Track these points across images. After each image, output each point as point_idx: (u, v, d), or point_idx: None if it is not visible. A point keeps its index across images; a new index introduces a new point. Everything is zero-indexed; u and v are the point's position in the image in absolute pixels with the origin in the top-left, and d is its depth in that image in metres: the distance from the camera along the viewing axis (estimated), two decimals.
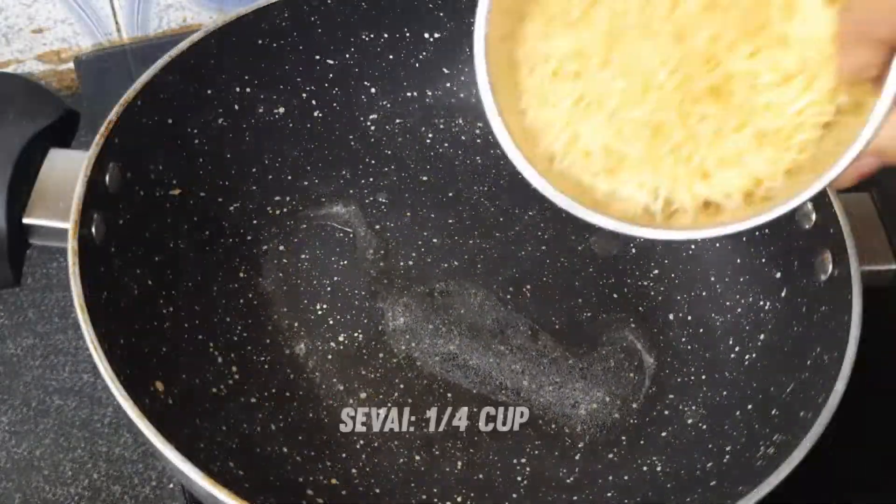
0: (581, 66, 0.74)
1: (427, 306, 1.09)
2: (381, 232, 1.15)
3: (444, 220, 1.17)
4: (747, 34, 0.68)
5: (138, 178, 1.00)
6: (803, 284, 0.99)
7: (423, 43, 1.23)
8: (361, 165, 1.21)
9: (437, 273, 1.12)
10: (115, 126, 0.94)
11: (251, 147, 1.16)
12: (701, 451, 0.97)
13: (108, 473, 1.03)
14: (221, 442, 0.94)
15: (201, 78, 1.09)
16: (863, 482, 1.06)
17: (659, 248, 1.16)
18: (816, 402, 0.85)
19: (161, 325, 0.98)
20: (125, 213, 0.96)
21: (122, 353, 0.86)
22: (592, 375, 1.05)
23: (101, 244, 0.90)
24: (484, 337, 1.07)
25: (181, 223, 1.06)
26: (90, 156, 0.91)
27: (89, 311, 0.82)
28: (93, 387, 1.09)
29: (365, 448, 0.98)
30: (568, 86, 0.75)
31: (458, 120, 1.26)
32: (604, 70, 0.73)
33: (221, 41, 1.09)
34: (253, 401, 1.00)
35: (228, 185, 1.13)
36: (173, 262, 1.03)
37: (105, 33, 1.38)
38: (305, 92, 1.20)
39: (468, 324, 1.08)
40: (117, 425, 1.07)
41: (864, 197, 0.99)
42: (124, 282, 0.95)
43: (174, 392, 0.92)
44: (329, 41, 1.19)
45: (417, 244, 1.14)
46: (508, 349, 1.06)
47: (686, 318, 1.10)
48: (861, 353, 0.86)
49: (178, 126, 1.07)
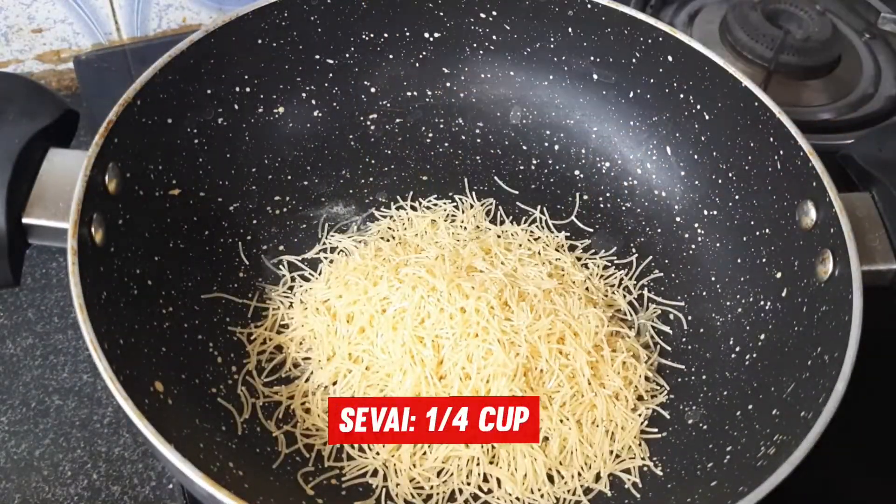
0: None
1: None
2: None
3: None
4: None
5: (138, 178, 1.00)
6: (804, 284, 0.98)
7: (423, 43, 1.23)
8: (361, 165, 1.21)
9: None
10: (115, 126, 0.94)
11: (251, 147, 1.16)
12: (701, 451, 0.97)
13: (108, 473, 1.03)
14: (221, 442, 0.93)
15: (201, 78, 1.09)
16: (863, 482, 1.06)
17: (659, 247, 1.16)
18: (817, 403, 0.85)
19: (161, 325, 0.98)
20: (125, 213, 0.96)
21: (121, 353, 0.86)
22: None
23: (100, 244, 0.90)
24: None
25: (181, 223, 1.06)
26: (90, 155, 0.90)
27: (89, 310, 0.82)
28: (92, 387, 1.09)
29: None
30: None
31: (458, 120, 1.26)
32: None
33: (221, 41, 1.09)
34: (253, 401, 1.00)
35: (228, 184, 1.13)
36: (173, 262, 1.03)
37: (104, 33, 1.38)
38: (305, 92, 1.20)
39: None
40: (117, 425, 1.07)
41: (865, 196, 0.98)
42: (124, 282, 0.94)
43: (174, 392, 0.92)
44: (329, 41, 1.19)
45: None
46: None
47: (686, 318, 1.10)
48: (862, 353, 0.85)
49: (178, 126, 1.07)
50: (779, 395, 0.94)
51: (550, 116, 1.25)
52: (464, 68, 1.26)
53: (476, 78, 1.26)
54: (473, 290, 1.01)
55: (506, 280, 1.04)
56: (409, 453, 0.96)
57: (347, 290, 1.04)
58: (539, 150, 1.25)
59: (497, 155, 1.24)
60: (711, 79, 1.10)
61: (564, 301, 1.05)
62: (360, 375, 0.99)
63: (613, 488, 0.97)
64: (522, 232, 1.16)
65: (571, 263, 1.12)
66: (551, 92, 1.25)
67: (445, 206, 1.18)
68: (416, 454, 0.96)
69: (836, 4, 1.57)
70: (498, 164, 1.24)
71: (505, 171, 1.23)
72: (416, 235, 1.13)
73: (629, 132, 1.22)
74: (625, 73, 1.19)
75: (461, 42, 1.24)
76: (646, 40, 1.15)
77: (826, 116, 1.37)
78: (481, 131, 1.25)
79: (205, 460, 0.85)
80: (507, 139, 1.26)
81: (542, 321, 1.01)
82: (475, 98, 1.27)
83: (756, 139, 1.07)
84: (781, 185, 1.04)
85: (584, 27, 1.18)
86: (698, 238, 1.15)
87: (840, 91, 1.41)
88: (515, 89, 1.26)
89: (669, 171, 1.19)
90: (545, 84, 1.25)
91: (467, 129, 1.26)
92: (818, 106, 1.38)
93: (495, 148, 1.25)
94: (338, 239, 1.14)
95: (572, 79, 1.24)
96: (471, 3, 1.21)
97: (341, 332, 1.02)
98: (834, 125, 1.35)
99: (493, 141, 1.25)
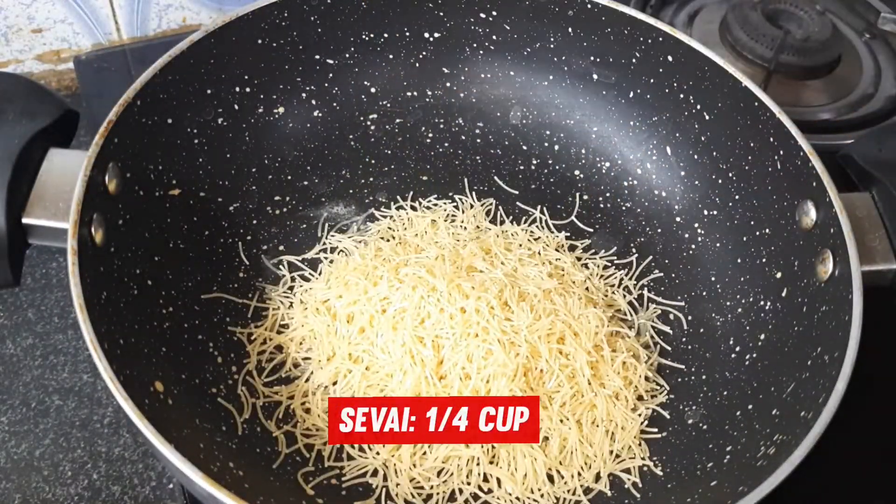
0: None
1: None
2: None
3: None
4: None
5: (138, 178, 1.00)
6: (804, 284, 0.99)
7: (423, 42, 1.23)
8: (361, 165, 1.21)
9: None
10: (115, 126, 0.94)
11: (251, 147, 1.16)
12: (701, 451, 0.97)
13: (108, 474, 1.03)
14: (221, 442, 0.93)
15: (201, 78, 1.09)
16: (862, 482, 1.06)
17: (659, 247, 1.16)
18: (817, 403, 0.85)
19: (161, 325, 0.98)
20: (125, 213, 0.96)
21: (121, 354, 0.86)
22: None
23: (100, 244, 0.90)
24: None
25: (181, 223, 1.06)
26: (89, 156, 0.90)
27: (89, 311, 0.82)
28: (92, 387, 1.09)
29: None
30: None
31: (458, 120, 1.26)
32: None
33: (221, 41, 1.09)
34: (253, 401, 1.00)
35: (228, 184, 1.13)
36: (173, 262, 1.03)
37: (104, 33, 1.39)
38: (305, 92, 1.20)
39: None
40: (117, 425, 1.07)
41: (865, 196, 0.98)
42: (124, 282, 0.94)
43: (174, 392, 0.92)
44: (329, 41, 1.19)
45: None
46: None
47: (686, 318, 1.10)
48: (862, 353, 0.85)
49: (178, 126, 1.07)
50: (779, 395, 0.94)
51: (550, 116, 1.26)
52: (464, 68, 1.26)
53: (476, 78, 1.26)
54: (473, 290, 1.01)
55: (506, 280, 1.04)
56: (410, 453, 0.96)
57: (347, 290, 1.04)
58: (539, 150, 1.25)
59: (497, 155, 1.24)
60: (711, 79, 1.10)
61: (564, 301, 1.05)
62: (360, 375, 0.99)
63: (613, 488, 0.97)
64: (522, 232, 1.16)
65: (571, 263, 1.12)
66: (551, 92, 1.25)
67: (445, 206, 1.18)
68: (416, 454, 0.96)
69: (836, 4, 1.57)
70: (498, 164, 1.24)
71: (505, 171, 1.23)
72: (416, 235, 1.13)
73: (629, 132, 1.22)
74: (625, 73, 1.19)
75: (461, 42, 1.24)
76: (646, 40, 1.15)
77: (826, 116, 1.37)
78: (481, 131, 1.26)
79: (205, 460, 0.85)
80: (507, 139, 1.26)
81: (542, 321, 1.01)
82: (475, 98, 1.27)
83: (756, 139, 1.07)
84: (781, 185, 1.04)
85: (583, 27, 1.19)
86: (698, 238, 1.15)
87: (840, 91, 1.41)
88: (515, 89, 1.26)
89: (669, 171, 1.19)
90: (545, 84, 1.25)
91: (467, 130, 1.26)
92: (818, 106, 1.38)
93: (495, 148, 1.25)
94: (338, 239, 1.14)
95: (572, 79, 1.24)
96: (471, 3, 1.21)
97: (341, 333, 1.02)
98: (834, 125, 1.35)
99: (493, 141, 1.25)
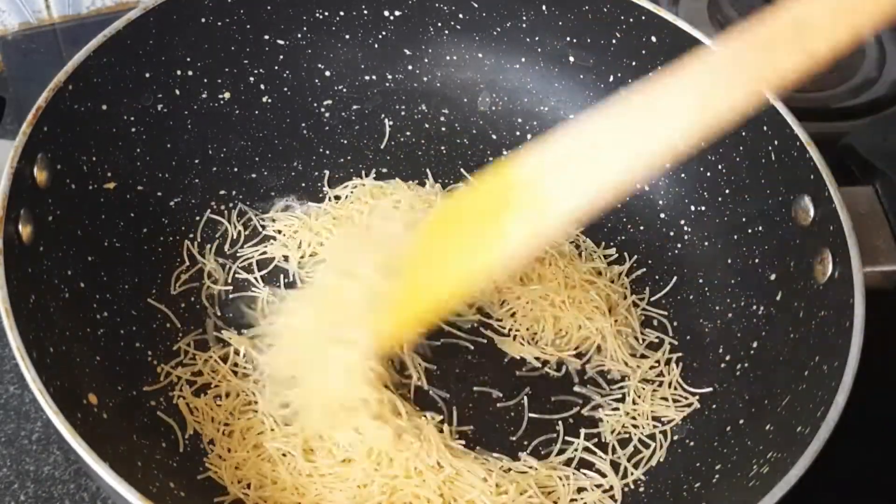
0: None
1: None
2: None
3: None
4: None
5: (69, 170, 0.99)
6: (800, 287, 0.99)
7: (383, 21, 1.23)
8: (315, 156, 1.21)
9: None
10: (44, 113, 0.94)
11: (193, 136, 1.16)
12: (688, 469, 0.98)
13: (37, 495, 1.03)
14: (161, 460, 0.93)
15: (139, 60, 1.08)
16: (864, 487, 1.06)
17: (641, 247, 1.16)
18: (815, 417, 0.85)
19: (94, 332, 0.98)
20: (55, 209, 0.96)
21: (51, 363, 0.85)
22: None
23: (28, 242, 0.90)
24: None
25: (116, 220, 1.06)
26: (16, 145, 0.90)
27: (15, 315, 0.82)
28: (19, 399, 1.09)
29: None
30: None
31: (420, 106, 1.26)
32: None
33: (161, 20, 1.09)
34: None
35: (168, 177, 1.13)
36: (108, 263, 1.03)
37: (33, 11, 1.38)
38: (253, 75, 1.20)
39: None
40: (46, 442, 1.06)
41: (868, 191, 0.99)
42: (54, 284, 0.94)
43: (109, 405, 0.92)
44: (279, 19, 1.19)
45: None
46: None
47: (672, 325, 1.10)
48: (863, 362, 0.86)
49: (113, 113, 1.07)
50: (773, 409, 0.95)
51: (522, 103, 1.26)
52: (427, 50, 1.26)
53: (441, 60, 1.26)
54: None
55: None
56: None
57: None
58: (510, 139, 1.25)
59: (464, 145, 1.25)
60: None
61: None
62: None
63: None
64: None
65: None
66: (523, 76, 1.25)
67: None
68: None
69: None
70: (465, 154, 1.24)
71: (472, 162, 1.23)
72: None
73: None
74: (604, 56, 1.20)
75: (424, 21, 1.24)
76: (627, 19, 1.15)
77: (825, 102, 1.37)
78: (447, 119, 1.26)
79: (143, 479, 0.86)
80: (475, 127, 1.26)
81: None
82: (440, 83, 1.27)
83: (748, 127, 1.07)
84: (776, 177, 1.04)
85: (559, 4, 1.19)
86: (685, 237, 1.15)
87: (840, 75, 1.42)
88: (484, 73, 1.26)
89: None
90: (517, 67, 1.25)
91: (431, 117, 1.26)
92: (816, 91, 1.39)
93: (462, 137, 1.25)
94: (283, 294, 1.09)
95: (546, 61, 1.24)
96: None
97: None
98: (834, 112, 1.36)
99: (459, 129, 1.25)
